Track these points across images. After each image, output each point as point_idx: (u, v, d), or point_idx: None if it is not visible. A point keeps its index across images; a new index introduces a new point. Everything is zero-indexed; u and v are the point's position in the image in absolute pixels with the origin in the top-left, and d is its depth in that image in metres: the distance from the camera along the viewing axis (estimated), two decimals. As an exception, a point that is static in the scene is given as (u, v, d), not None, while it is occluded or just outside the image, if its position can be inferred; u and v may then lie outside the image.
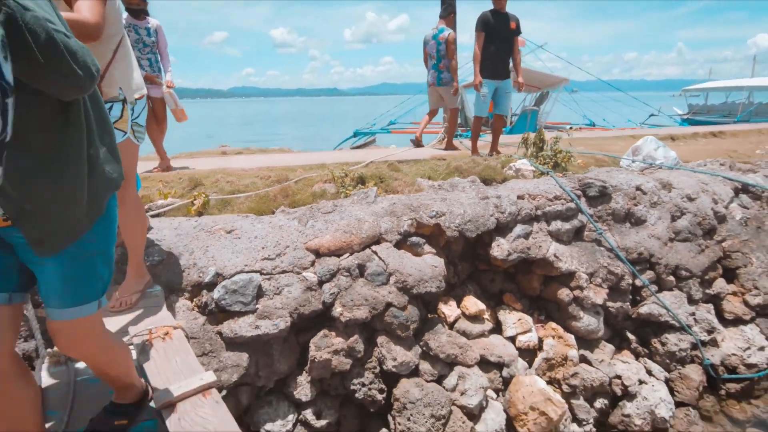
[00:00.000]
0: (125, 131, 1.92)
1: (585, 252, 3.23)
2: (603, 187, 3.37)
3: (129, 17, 3.69)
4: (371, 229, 2.75)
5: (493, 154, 4.87)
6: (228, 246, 2.55)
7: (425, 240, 2.92)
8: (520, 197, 3.23)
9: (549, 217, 3.23)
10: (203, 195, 3.04)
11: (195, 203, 2.94)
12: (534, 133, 4.28)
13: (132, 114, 1.93)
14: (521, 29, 4.47)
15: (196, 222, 2.75)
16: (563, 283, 3.13)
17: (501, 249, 3.01)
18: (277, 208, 3.15)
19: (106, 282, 1.23)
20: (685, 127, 11.26)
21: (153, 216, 2.85)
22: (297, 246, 2.65)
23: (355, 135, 13.12)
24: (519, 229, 3.09)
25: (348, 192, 3.29)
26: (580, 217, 3.30)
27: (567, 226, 3.24)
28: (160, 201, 3.06)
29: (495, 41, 4.34)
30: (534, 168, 3.79)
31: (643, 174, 3.91)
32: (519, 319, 3.03)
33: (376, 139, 11.93)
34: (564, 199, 3.27)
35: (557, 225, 3.22)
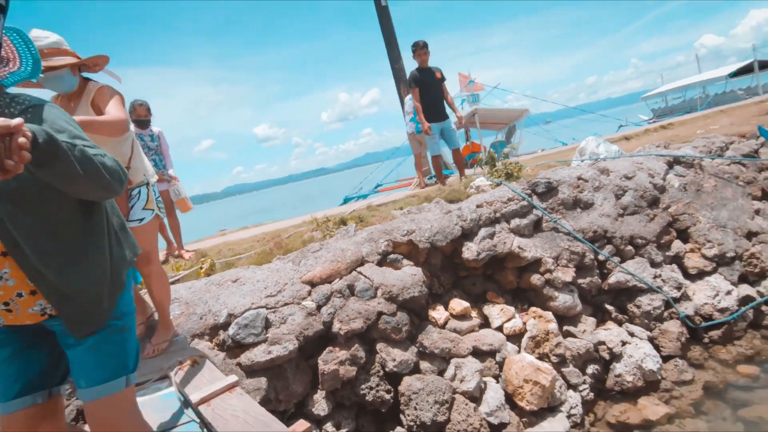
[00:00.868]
0: (153, 209, 2.43)
1: (546, 240, 3.66)
2: (548, 183, 3.88)
3: (135, 127, 4.37)
4: (354, 255, 3.21)
5: (463, 180, 5.45)
6: (235, 291, 2.99)
7: (403, 256, 3.36)
8: (479, 206, 3.73)
9: (507, 217, 3.70)
10: (209, 260, 3.52)
11: (203, 267, 3.42)
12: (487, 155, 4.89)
13: (155, 194, 2.48)
14: (445, 76, 5.26)
15: (206, 280, 3.21)
16: (534, 271, 3.53)
17: (471, 251, 3.44)
18: (273, 259, 3.62)
19: (134, 357, 1.27)
20: (638, 127, 12.06)
21: (172, 282, 3.31)
22: (294, 281, 3.09)
23: (345, 201, 13.88)
24: (483, 232, 3.55)
25: (332, 233, 3.78)
26: (535, 212, 3.77)
27: (525, 221, 3.71)
28: (172, 274, 3.54)
29: (428, 92, 5.11)
30: (490, 182, 4.33)
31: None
32: (501, 310, 3.38)
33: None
34: (517, 200, 3.76)
35: (516, 222, 3.69)
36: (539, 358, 3.14)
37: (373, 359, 2.93)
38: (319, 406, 2.80)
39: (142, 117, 4.33)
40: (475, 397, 2.87)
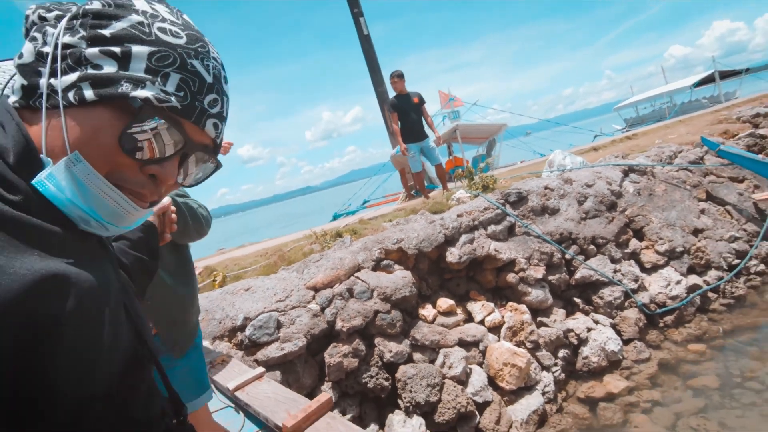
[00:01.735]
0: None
1: (519, 243, 4.17)
2: (519, 193, 4.41)
3: None
4: (351, 262, 3.66)
5: (445, 193, 5.97)
6: (249, 298, 3.39)
7: (394, 262, 3.82)
8: (459, 215, 4.23)
9: (485, 224, 4.20)
10: (221, 273, 3.93)
11: (216, 280, 3.82)
12: (465, 170, 5.43)
13: None
14: (424, 99, 5.80)
15: (221, 290, 3.61)
16: (509, 270, 4.01)
17: (453, 255, 3.92)
18: (278, 270, 4.04)
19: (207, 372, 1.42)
20: (609, 137, 12.84)
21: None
22: (299, 288, 3.52)
23: (335, 218, 14.31)
24: (464, 238, 4.04)
25: (330, 245, 4.23)
26: (508, 219, 4.28)
27: (500, 227, 4.21)
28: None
29: (406, 115, 5.65)
30: (469, 194, 4.85)
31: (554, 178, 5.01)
32: (482, 305, 3.85)
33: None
34: (492, 209, 4.27)
35: (492, 228, 4.19)
36: (516, 345, 3.60)
37: (373, 352, 3.35)
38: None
39: None
40: (462, 381, 3.31)
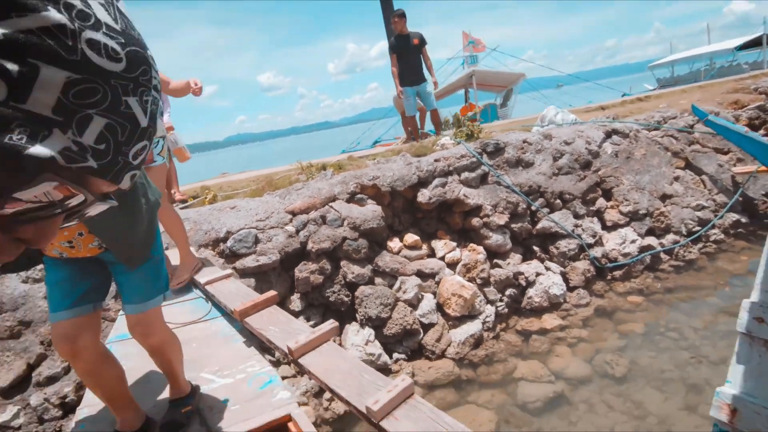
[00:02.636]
0: (164, 157, 2.84)
1: (489, 191, 4.45)
2: (497, 144, 4.62)
3: None
4: (328, 193, 4.02)
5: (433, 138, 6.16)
6: (233, 216, 3.82)
7: (369, 197, 4.17)
8: (436, 160, 4.49)
9: (459, 170, 4.47)
10: (213, 192, 4.34)
11: (207, 197, 4.24)
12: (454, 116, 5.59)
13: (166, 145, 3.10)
14: (425, 40, 5.79)
15: (210, 207, 4.04)
16: (475, 215, 4.35)
17: (424, 195, 4.25)
18: (264, 194, 4.43)
19: (166, 280, 1.53)
20: (618, 99, 12.44)
21: (182, 209, 4.15)
22: (279, 211, 3.92)
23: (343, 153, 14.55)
24: (437, 181, 4.34)
25: (314, 176, 4.57)
26: (482, 168, 4.54)
27: (473, 174, 4.48)
28: (181, 204, 4.37)
29: (404, 57, 5.69)
30: (453, 141, 5.06)
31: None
32: (445, 243, 4.24)
33: None
34: (468, 157, 4.52)
35: (466, 175, 4.46)
36: (469, 280, 4.03)
37: (338, 272, 3.81)
38: (295, 304, 3.71)
39: None
40: (413, 304, 3.78)
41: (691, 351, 3.42)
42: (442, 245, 4.24)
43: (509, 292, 4.12)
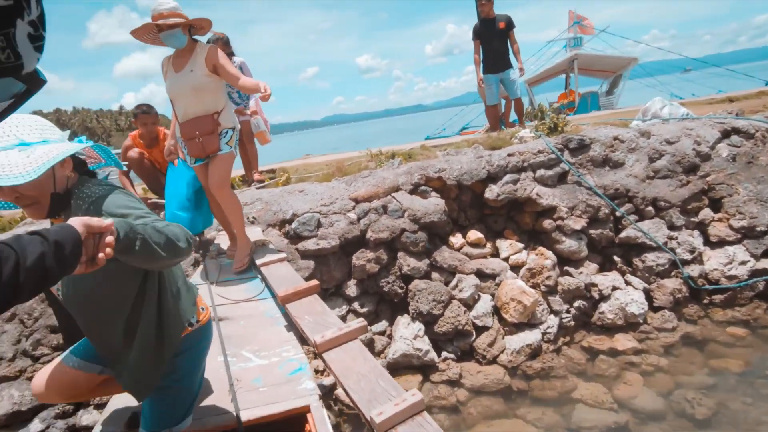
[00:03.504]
0: (232, 147, 2.91)
1: (567, 192, 4.07)
2: (581, 140, 4.18)
3: None
4: (392, 182, 4.00)
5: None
6: (300, 199, 3.99)
7: (433, 189, 4.06)
8: (510, 155, 4.20)
9: (534, 167, 4.15)
10: (287, 174, 4.57)
11: (281, 179, 4.48)
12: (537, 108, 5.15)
13: (236, 137, 2.97)
14: (513, 24, 5.35)
15: (281, 189, 4.27)
16: (548, 216, 4.01)
17: (492, 192, 4.02)
18: (332, 179, 4.55)
19: (187, 410, 1.39)
20: (757, 88, 10.38)
21: (258, 189, 4.45)
22: (344, 197, 4.00)
23: (427, 140, 14.40)
24: (507, 177, 4.07)
25: (382, 165, 4.57)
26: (562, 165, 4.15)
27: (550, 172, 4.12)
28: (257, 184, 4.67)
29: (488, 43, 5.32)
30: (533, 134, 4.69)
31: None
32: (510, 244, 3.99)
33: None
34: (547, 152, 4.15)
35: (542, 172, 4.12)
36: (532, 286, 3.76)
37: (394, 263, 3.80)
38: (351, 290, 3.79)
39: (226, 52, 4.59)
40: (469, 304, 3.64)
41: (802, 404, 2.84)
42: (507, 245, 4.00)
43: (578, 303, 3.77)
